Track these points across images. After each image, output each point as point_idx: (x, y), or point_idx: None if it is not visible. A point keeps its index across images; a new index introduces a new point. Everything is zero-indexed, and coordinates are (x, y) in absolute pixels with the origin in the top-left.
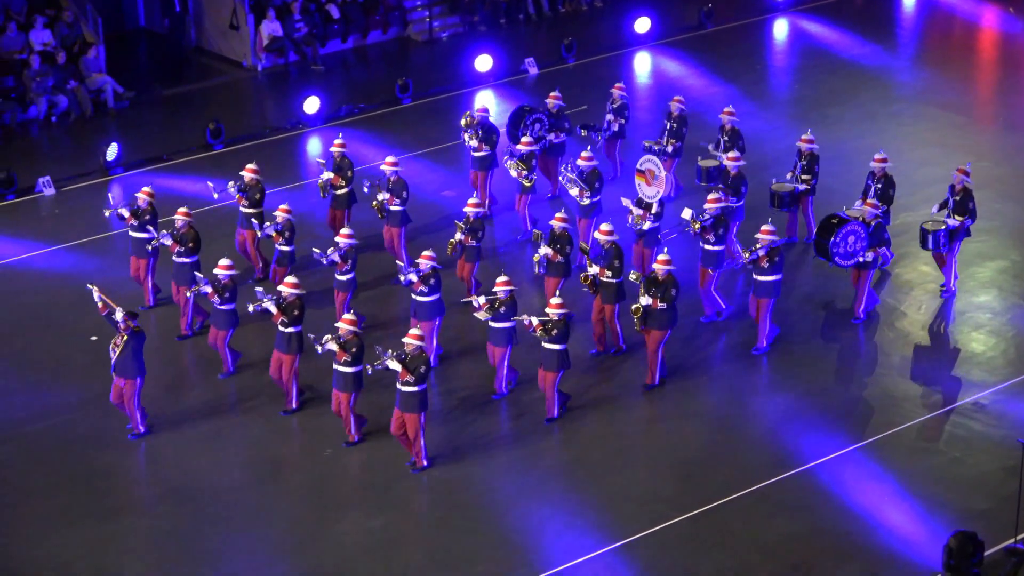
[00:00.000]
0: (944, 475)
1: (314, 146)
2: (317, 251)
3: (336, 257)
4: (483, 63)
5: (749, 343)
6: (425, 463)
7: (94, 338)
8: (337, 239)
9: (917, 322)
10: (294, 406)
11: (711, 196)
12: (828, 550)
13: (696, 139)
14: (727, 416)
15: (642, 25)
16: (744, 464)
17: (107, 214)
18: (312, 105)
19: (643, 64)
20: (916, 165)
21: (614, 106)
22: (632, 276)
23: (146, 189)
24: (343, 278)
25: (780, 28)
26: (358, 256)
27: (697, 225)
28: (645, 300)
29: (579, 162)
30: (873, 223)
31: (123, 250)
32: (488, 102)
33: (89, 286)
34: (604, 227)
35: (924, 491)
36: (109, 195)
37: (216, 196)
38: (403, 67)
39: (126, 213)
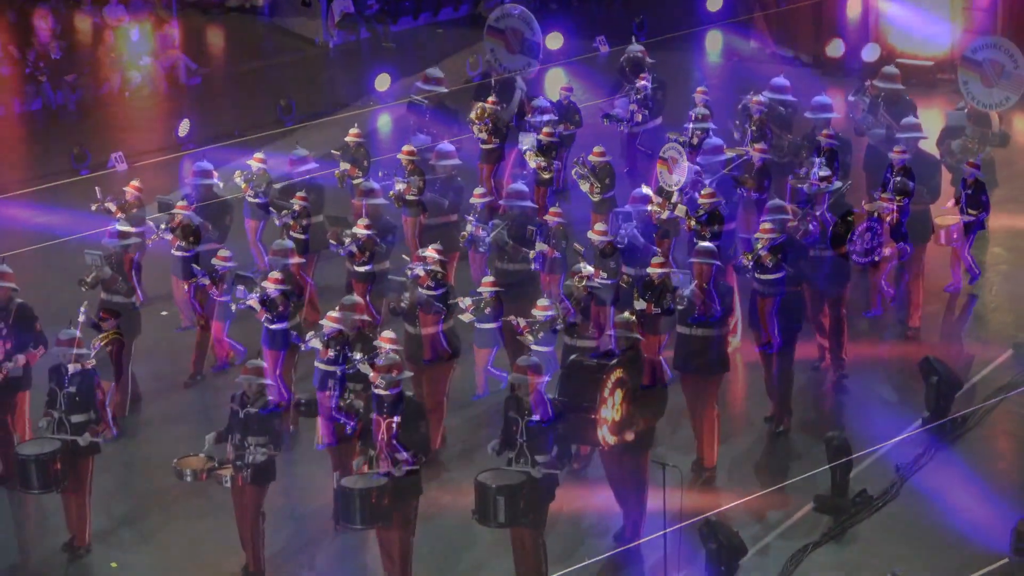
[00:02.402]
0: (1014, 457)
1: (384, 123)
2: (333, 241)
3: (354, 248)
4: (554, 41)
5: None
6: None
7: (164, 313)
8: (355, 230)
9: (989, 304)
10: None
11: (704, 191)
12: (893, 531)
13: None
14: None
15: (714, 3)
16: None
17: (93, 208)
18: (383, 82)
19: (714, 43)
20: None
21: (638, 96)
22: (623, 281)
23: (134, 183)
24: (361, 270)
25: (853, 7)
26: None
27: (693, 221)
28: (639, 304)
29: (591, 157)
30: (888, 218)
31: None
32: (559, 80)
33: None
34: (598, 227)
35: (992, 473)
36: (96, 188)
37: (221, 187)
38: (474, 44)
39: (113, 207)
